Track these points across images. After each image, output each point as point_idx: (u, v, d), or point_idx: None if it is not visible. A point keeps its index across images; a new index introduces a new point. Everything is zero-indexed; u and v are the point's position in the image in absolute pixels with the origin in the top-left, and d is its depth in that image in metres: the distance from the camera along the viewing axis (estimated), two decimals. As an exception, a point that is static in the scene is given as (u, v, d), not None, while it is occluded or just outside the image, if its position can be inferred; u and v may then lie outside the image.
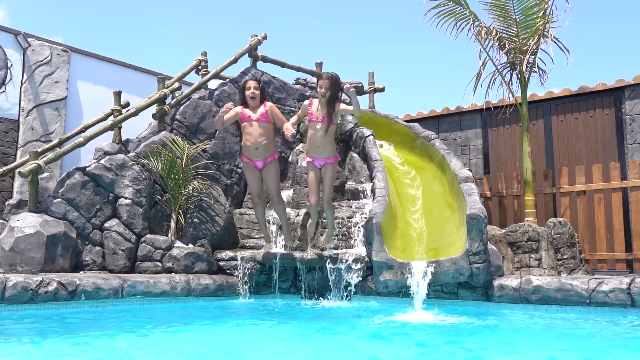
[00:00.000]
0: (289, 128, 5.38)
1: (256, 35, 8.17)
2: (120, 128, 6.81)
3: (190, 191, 6.51)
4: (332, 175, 5.64)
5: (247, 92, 5.66)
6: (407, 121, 9.04)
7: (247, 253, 6.16)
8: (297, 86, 8.52)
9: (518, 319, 4.45)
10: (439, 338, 3.58)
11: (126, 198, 6.23)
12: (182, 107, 7.23)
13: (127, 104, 7.20)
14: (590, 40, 21.18)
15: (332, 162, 5.61)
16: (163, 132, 6.87)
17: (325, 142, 5.51)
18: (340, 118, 5.78)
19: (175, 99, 7.21)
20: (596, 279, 4.73)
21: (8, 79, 7.96)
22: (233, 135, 7.59)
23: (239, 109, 5.67)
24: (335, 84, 5.42)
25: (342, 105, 5.54)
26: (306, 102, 5.67)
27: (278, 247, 6.55)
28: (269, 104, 5.71)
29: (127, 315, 4.53)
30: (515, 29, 7.34)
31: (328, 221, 5.85)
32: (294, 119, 5.73)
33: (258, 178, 5.78)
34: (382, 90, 9.16)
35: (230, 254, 6.18)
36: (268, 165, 5.72)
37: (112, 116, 6.93)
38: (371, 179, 6.79)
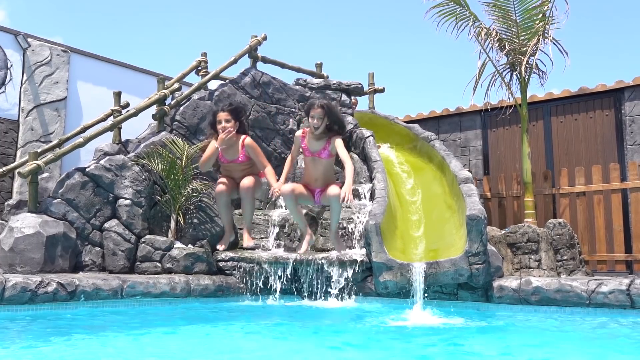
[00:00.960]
0: (279, 190, 4.62)
1: (256, 36, 8.17)
2: (120, 129, 6.81)
3: (190, 192, 6.51)
4: (336, 186, 4.78)
5: (218, 127, 4.77)
6: (407, 122, 9.06)
7: (246, 254, 6.16)
8: (297, 87, 8.53)
9: (517, 320, 4.45)
10: (438, 339, 3.58)
11: (126, 199, 6.23)
12: (181, 108, 7.23)
13: (127, 105, 7.20)
14: (590, 41, 21.19)
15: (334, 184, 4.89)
16: (163, 133, 6.87)
17: (324, 175, 4.78)
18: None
19: (175, 100, 7.21)
20: (596, 280, 4.73)
21: (8, 79, 7.96)
22: (233, 136, 7.59)
23: (215, 145, 4.79)
24: (330, 115, 4.57)
25: (338, 143, 4.56)
26: (298, 133, 4.88)
27: (275, 248, 6.55)
28: (247, 141, 4.88)
29: (126, 315, 4.53)
30: (515, 30, 7.35)
31: (332, 210, 4.78)
32: (286, 167, 4.84)
33: (231, 180, 4.96)
34: (381, 91, 9.16)
35: (230, 254, 6.18)
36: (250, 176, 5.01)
37: (111, 117, 6.92)
38: (371, 179, 6.79)
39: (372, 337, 3.66)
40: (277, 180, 4.84)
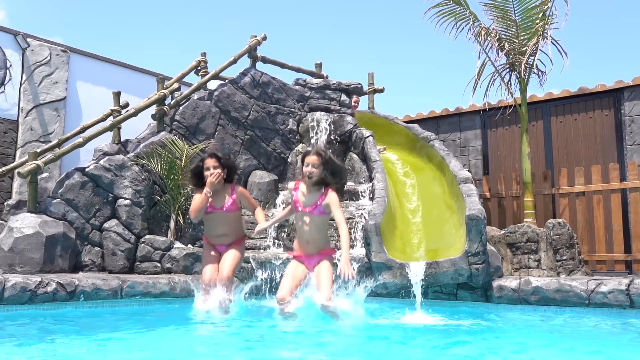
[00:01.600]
0: (262, 230, 4.44)
1: (256, 36, 8.17)
2: (119, 128, 6.81)
3: (190, 192, 6.50)
4: (329, 270, 4.17)
5: (206, 173, 4.52)
6: (407, 122, 9.05)
7: (246, 254, 6.15)
8: (297, 87, 8.53)
9: (517, 319, 4.45)
10: (437, 339, 3.58)
11: (125, 199, 6.23)
12: (181, 108, 7.23)
13: (127, 105, 7.20)
14: (590, 41, 21.21)
15: (329, 255, 4.27)
16: (162, 133, 6.87)
17: (316, 237, 4.21)
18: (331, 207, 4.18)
19: (174, 100, 7.21)
20: (595, 280, 4.73)
21: (7, 79, 7.95)
22: (232, 136, 7.59)
23: (204, 192, 4.51)
24: (327, 165, 4.12)
25: (333, 201, 4.08)
26: (291, 184, 4.52)
27: (275, 248, 6.55)
28: (237, 189, 4.71)
29: (126, 315, 4.53)
30: (515, 30, 7.35)
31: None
32: (281, 213, 4.61)
33: (216, 259, 4.72)
34: (381, 91, 9.17)
35: (229, 254, 6.16)
36: (232, 246, 4.75)
37: (111, 117, 6.93)
38: (370, 179, 6.79)
39: (372, 337, 3.66)
40: (267, 219, 4.74)
